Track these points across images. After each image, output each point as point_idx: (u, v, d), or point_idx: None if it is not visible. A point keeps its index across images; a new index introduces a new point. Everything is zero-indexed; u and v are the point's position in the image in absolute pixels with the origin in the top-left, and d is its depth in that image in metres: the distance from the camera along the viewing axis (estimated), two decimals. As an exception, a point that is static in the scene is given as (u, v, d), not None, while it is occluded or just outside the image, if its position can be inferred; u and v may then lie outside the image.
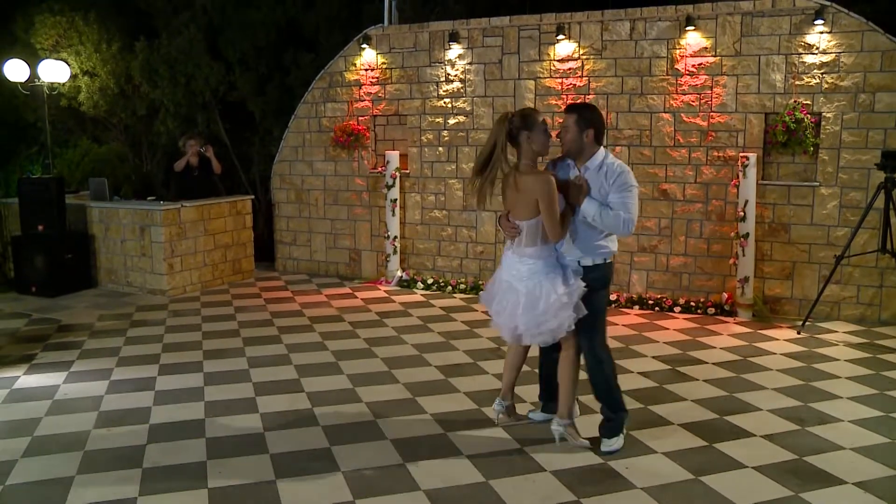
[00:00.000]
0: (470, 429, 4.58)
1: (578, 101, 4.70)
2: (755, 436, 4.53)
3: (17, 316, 7.53)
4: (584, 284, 4.17)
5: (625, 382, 5.43)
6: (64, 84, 10.46)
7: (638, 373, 5.69)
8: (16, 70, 9.69)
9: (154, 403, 5.10)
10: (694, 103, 7.45)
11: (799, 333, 6.70)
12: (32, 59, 10.02)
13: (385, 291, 8.59)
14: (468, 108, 8.49)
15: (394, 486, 3.91)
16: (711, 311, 7.36)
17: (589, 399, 4.63)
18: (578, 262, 4.24)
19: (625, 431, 4.36)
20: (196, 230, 8.65)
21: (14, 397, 5.24)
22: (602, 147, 4.28)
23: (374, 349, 6.32)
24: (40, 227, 8.38)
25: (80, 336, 6.76)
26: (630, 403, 5.04)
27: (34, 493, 3.88)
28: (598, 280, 4.24)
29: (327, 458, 4.25)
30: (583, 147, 4.24)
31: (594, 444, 4.33)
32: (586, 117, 4.22)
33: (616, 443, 4.28)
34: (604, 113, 7.77)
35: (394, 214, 8.84)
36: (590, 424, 4.49)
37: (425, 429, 4.63)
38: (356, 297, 8.29)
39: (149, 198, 9.02)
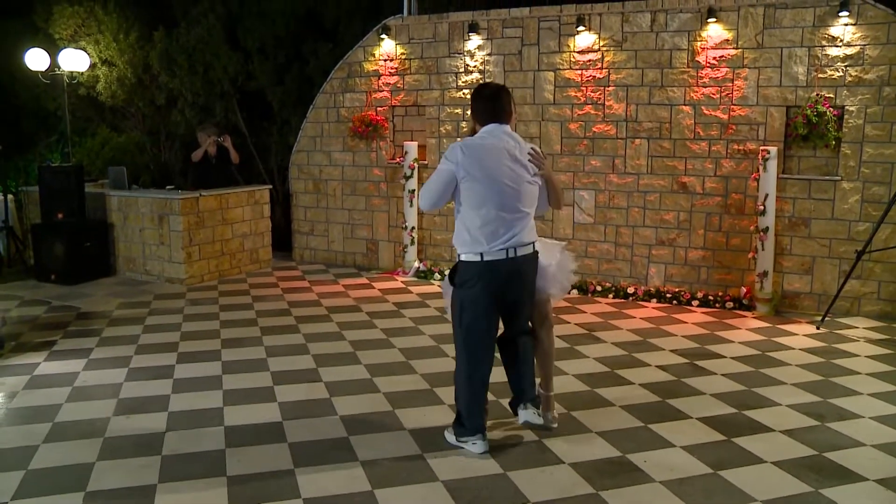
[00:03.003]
0: (488, 419, 4.57)
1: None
2: (774, 431, 4.50)
3: (37, 303, 7.60)
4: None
5: (642, 376, 5.46)
6: (83, 73, 10.51)
7: (656, 366, 5.67)
8: (37, 59, 9.74)
9: (172, 391, 5.13)
10: (714, 96, 7.38)
11: (818, 329, 6.64)
12: (52, 49, 10.06)
13: (402, 282, 8.60)
14: (486, 100, 8.44)
15: (412, 477, 3.92)
16: (730, 305, 7.32)
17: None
18: None
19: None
20: (214, 219, 8.68)
21: (34, 384, 5.29)
22: (486, 125, 4.12)
23: (392, 339, 6.33)
24: (60, 215, 8.44)
25: (99, 324, 6.81)
26: (648, 397, 5.05)
27: (55, 478, 3.91)
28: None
29: (345, 447, 4.26)
30: (474, 127, 4.25)
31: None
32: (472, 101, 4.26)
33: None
34: (623, 105, 7.75)
35: (411, 205, 8.83)
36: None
37: (443, 419, 4.63)
38: (373, 288, 8.30)
39: (167, 187, 9.06)
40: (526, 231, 4.07)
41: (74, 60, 9.91)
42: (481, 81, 8.41)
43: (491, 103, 4.11)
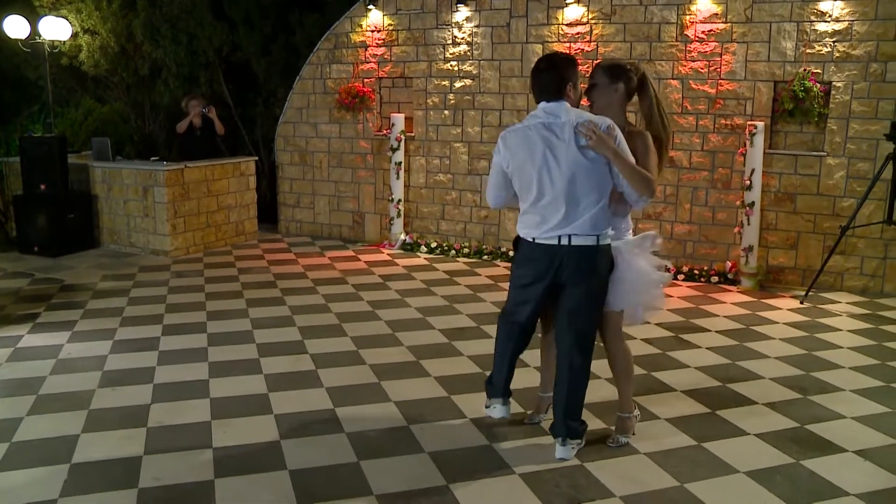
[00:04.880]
0: (473, 391, 4.59)
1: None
2: (757, 403, 4.55)
3: (19, 275, 7.53)
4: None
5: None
6: (64, 42, 10.34)
7: (641, 339, 5.69)
8: (16, 26, 9.55)
9: (158, 363, 5.12)
10: (703, 70, 7.36)
11: (802, 303, 6.69)
12: (32, 17, 9.88)
13: (388, 254, 8.58)
14: (475, 72, 8.40)
15: (398, 448, 3.93)
16: (715, 279, 7.35)
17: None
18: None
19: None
20: (199, 191, 8.61)
21: (18, 356, 5.26)
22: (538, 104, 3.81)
23: (378, 312, 6.33)
24: (42, 187, 8.35)
25: (83, 296, 6.77)
26: (634, 370, 5.07)
27: (40, 449, 3.90)
28: None
29: (332, 419, 4.27)
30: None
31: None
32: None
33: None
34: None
35: (398, 177, 8.79)
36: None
37: (429, 391, 4.66)
38: (359, 260, 8.28)
39: (152, 158, 8.98)
40: (582, 220, 3.63)
41: (56, 29, 9.74)
42: (468, 53, 8.36)
43: (534, 79, 3.76)
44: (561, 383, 3.81)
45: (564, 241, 3.65)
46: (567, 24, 7.86)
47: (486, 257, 8.37)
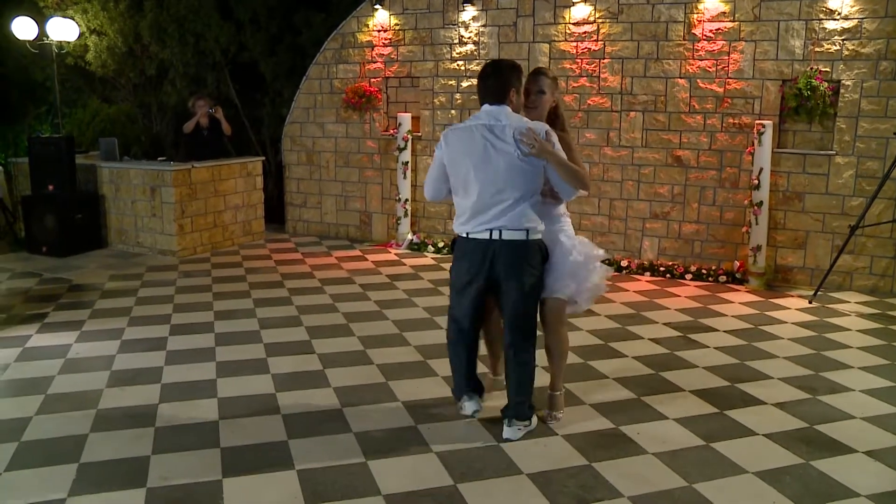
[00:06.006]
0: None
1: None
2: (766, 403, 4.53)
3: (28, 275, 7.56)
4: None
5: (635, 348, 5.47)
6: (71, 43, 10.37)
7: (649, 339, 5.68)
8: (24, 28, 9.60)
9: (166, 363, 5.13)
10: (710, 69, 7.34)
11: (810, 303, 6.66)
12: (39, 18, 9.91)
13: (395, 254, 8.58)
14: (481, 72, 8.38)
15: (405, 448, 3.93)
16: (723, 279, 7.33)
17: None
18: None
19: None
20: (206, 191, 8.63)
21: (27, 356, 5.27)
22: (482, 106, 4.02)
23: (385, 311, 6.33)
24: (50, 187, 8.38)
25: (91, 296, 6.79)
26: (641, 370, 5.08)
27: (49, 449, 3.91)
28: None
29: (339, 419, 4.27)
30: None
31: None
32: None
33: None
34: (618, 77, 7.70)
35: (405, 177, 8.79)
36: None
37: (437, 391, 4.65)
38: (367, 260, 8.28)
39: (159, 158, 9.00)
40: (512, 215, 3.85)
41: (63, 29, 9.78)
42: (475, 53, 8.36)
43: (480, 83, 4.01)
44: (508, 370, 4.05)
45: (496, 236, 3.87)
46: (574, 24, 7.84)
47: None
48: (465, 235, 3.98)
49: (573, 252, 4.07)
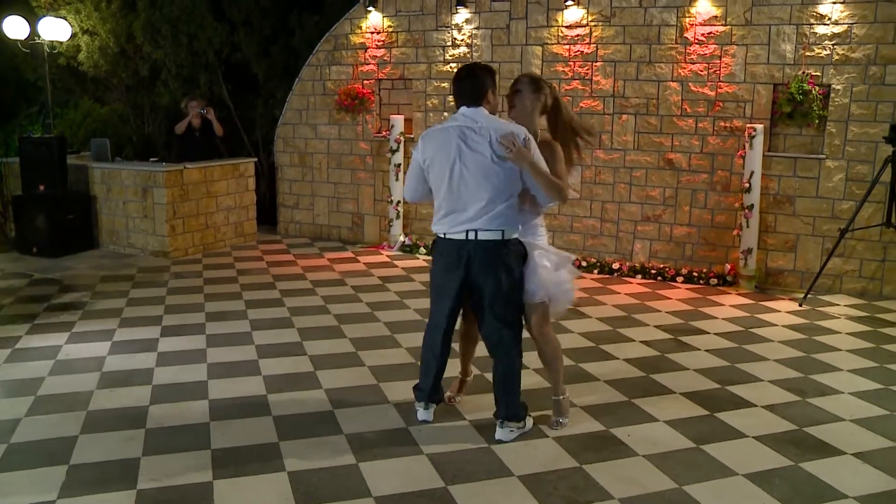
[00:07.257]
0: (471, 394, 4.59)
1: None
2: (756, 406, 4.55)
3: (18, 276, 7.53)
4: None
5: (626, 351, 5.49)
6: (63, 43, 10.33)
7: (640, 341, 5.70)
8: (15, 27, 9.55)
9: (157, 365, 5.11)
10: (702, 73, 7.37)
11: (801, 306, 6.70)
12: (31, 18, 9.87)
13: (387, 256, 8.58)
14: (473, 74, 8.39)
15: (396, 450, 3.93)
16: (714, 281, 7.36)
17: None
18: None
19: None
20: (198, 192, 8.61)
21: (16, 357, 5.25)
22: (458, 108, 4.06)
23: (377, 313, 6.33)
24: (41, 187, 8.34)
25: (82, 297, 6.76)
26: (632, 372, 5.09)
27: (39, 451, 3.90)
28: None
29: (330, 421, 4.27)
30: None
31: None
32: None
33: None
34: (611, 80, 7.73)
35: (397, 179, 8.79)
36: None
37: (427, 394, 4.65)
38: (358, 262, 8.28)
39: (151, 159, 8.98)
40: (488, 217, 3.86)
41: (55, 29, 9.74)
42: (468, 55, 8.37)
43: (455, 86, 4.05)
44: (495, 372, 4.08)
45: (472, 236, 3.91)
46: (566, 27, 7.86)
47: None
48: (442, 235, 4.03)
49: (543, 263, 4.08)
